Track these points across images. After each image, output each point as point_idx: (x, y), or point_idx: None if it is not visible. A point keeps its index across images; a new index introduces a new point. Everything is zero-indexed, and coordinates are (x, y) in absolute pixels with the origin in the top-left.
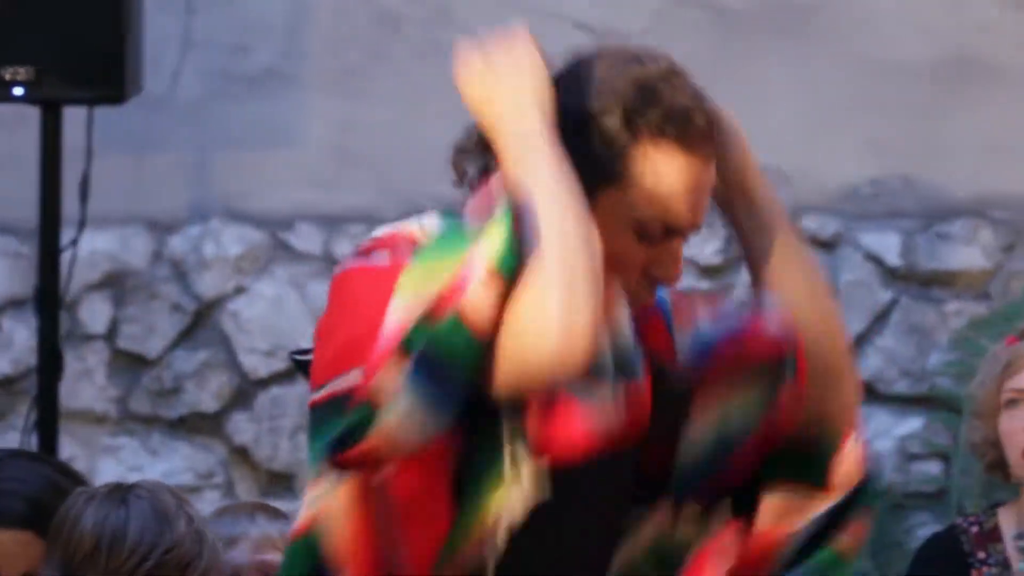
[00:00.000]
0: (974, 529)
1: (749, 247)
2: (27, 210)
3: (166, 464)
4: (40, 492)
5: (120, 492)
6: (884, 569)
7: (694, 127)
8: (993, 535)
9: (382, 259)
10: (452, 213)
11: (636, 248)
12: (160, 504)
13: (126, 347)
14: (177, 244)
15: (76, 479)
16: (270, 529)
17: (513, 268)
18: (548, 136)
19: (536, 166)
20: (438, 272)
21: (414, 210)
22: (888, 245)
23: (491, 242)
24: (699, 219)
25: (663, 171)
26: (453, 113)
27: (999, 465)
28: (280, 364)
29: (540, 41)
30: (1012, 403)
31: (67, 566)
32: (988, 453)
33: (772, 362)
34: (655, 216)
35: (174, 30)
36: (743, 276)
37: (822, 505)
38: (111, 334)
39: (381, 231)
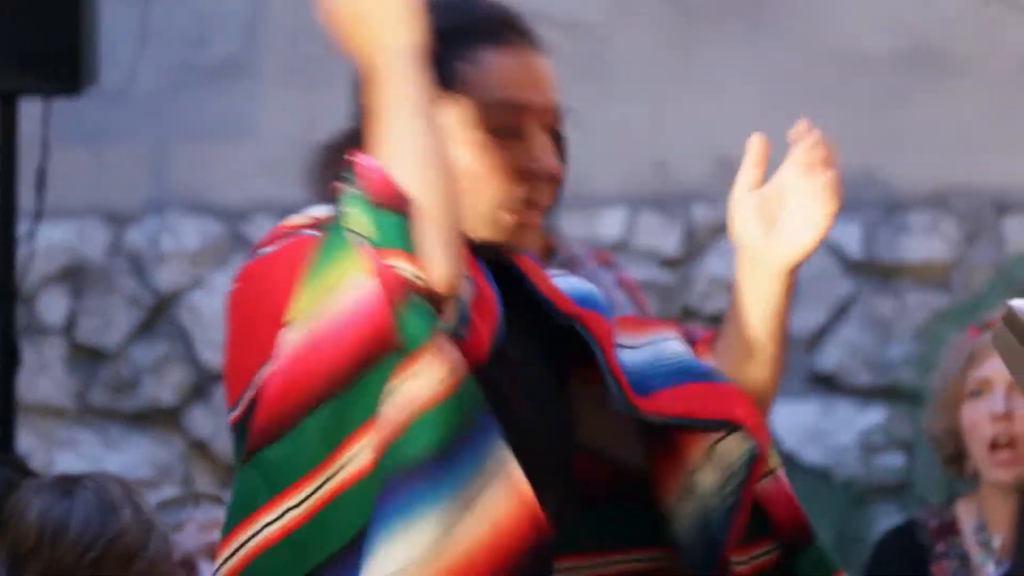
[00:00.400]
0: (932, 523)
1: (734, 316)
2: None
3: (125, 457)
4: None
5: (66, 484)
6: (847, 562)
7: (513, 24)
8: (952, 528)
9: (270, 249)
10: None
11: (501, 152)
12: (106, 495)
13: (84, 340)
14: (135, 237)
15: (33, 477)
16: (215, 512)
17: (398, 235)
18: (411, 59)
19: (397, 97)
20: (328, 288)
21: None
22: (849, 236)
23: (365, 229)
24: (547, 98)
25: (486, 63)
26: None
27: (957, 458)
28: None
29: None
30: (975, 394)
31: (13, 559)
32: (947, 445)
33: (737, 441)
34: (501, 101)
35: (131, 22)
36: (703, 268)
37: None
38: (69, 327)
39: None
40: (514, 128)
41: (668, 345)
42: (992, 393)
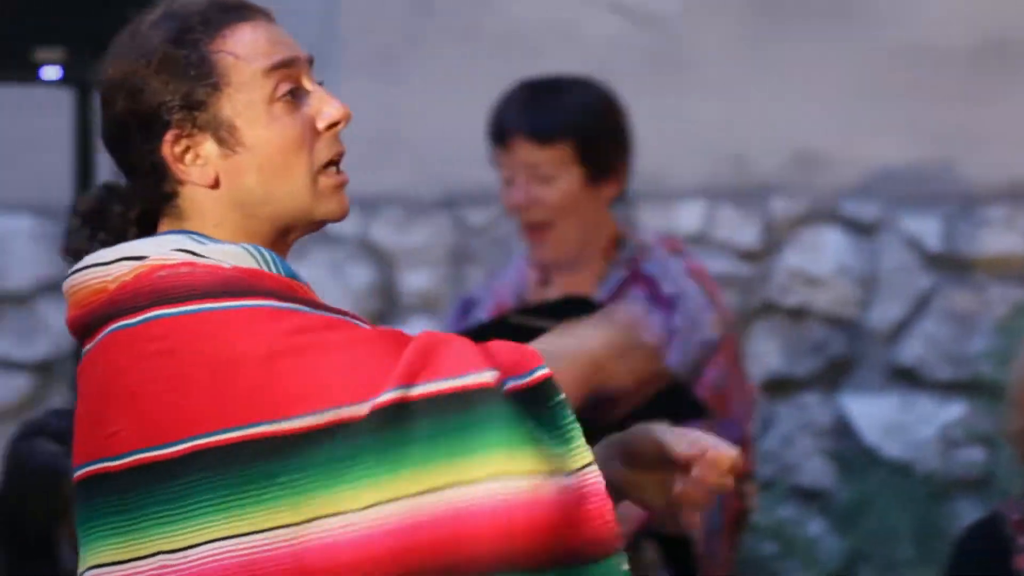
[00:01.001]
0: (1015, 515)
1: None
2: (61, 191)
3: None
4: None
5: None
6: (927, 557)
7: (231, 5)
8: None
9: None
10: (194, 235)
11: (292, 120)
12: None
13: None
14: None
15: None
16: None
17: None
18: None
19: None
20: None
21: (449, 194)
22: (928, 230)
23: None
24: (299, 50)
25: (240, 42)
26: (487, 96)
27: None
28: None
29: (576, 26)
30: None
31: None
32: (1023, 443)
33: None
34: (271, 66)
35: None
36: (782, 261)
37: None
38: None
39: (127, 267)
40: (294, 89)
41: None
42: None
